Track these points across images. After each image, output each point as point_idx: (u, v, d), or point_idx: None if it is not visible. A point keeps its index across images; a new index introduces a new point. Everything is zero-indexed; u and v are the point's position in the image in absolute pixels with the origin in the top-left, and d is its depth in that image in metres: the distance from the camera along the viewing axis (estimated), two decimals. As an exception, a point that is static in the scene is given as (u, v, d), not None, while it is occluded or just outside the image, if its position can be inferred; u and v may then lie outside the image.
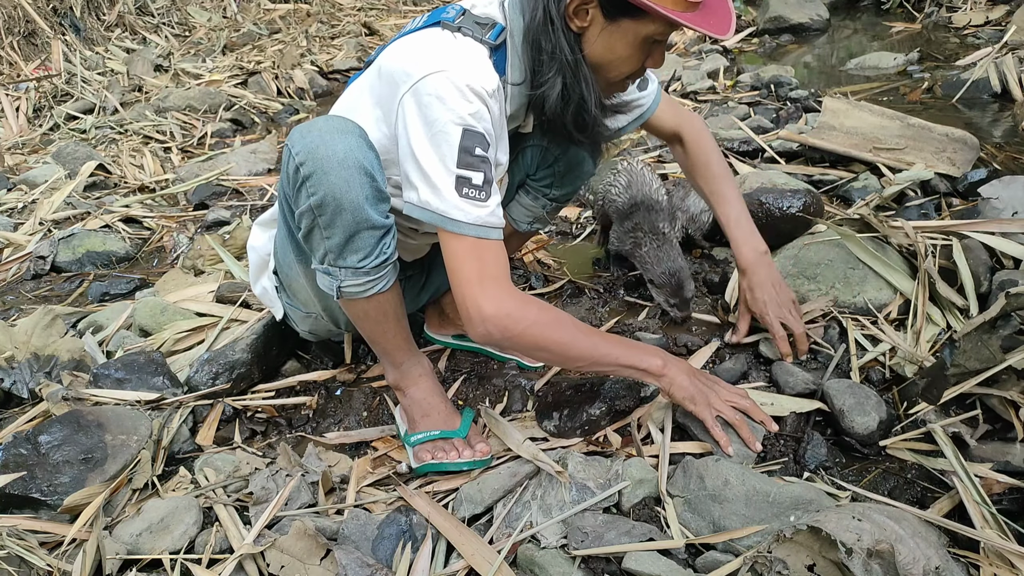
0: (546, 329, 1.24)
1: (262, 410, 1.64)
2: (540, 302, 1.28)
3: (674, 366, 1.33)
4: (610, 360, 1.29)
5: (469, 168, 1.16)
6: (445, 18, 1.26)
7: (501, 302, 1.20)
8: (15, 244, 2.74)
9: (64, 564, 1.22)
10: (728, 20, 1.22)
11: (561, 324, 1.27)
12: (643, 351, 1.33)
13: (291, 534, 1.20)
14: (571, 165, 1.57)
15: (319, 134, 1.21)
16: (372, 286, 1.31)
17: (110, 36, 6.05)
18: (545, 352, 1.28)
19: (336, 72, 5.32)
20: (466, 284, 1.21)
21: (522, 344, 1.24)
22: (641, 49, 1.23)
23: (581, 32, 1.21)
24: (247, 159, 3.41)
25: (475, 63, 1.20)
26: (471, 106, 1.16)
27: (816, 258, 1.81)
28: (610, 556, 1.17)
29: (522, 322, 1.21)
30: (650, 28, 1.18)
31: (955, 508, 1.21)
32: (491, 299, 1.20)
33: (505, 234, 1.67)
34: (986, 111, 3.14)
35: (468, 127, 1.16)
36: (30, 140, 4.19)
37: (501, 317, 1.20)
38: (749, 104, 3.48)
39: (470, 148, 1.16)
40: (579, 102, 1.26)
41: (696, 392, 1.33)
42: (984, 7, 4.70)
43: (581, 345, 1.28)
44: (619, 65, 1.25)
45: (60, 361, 1.76)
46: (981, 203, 1.94)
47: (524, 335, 1.22)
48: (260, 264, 1.62)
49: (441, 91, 1.15)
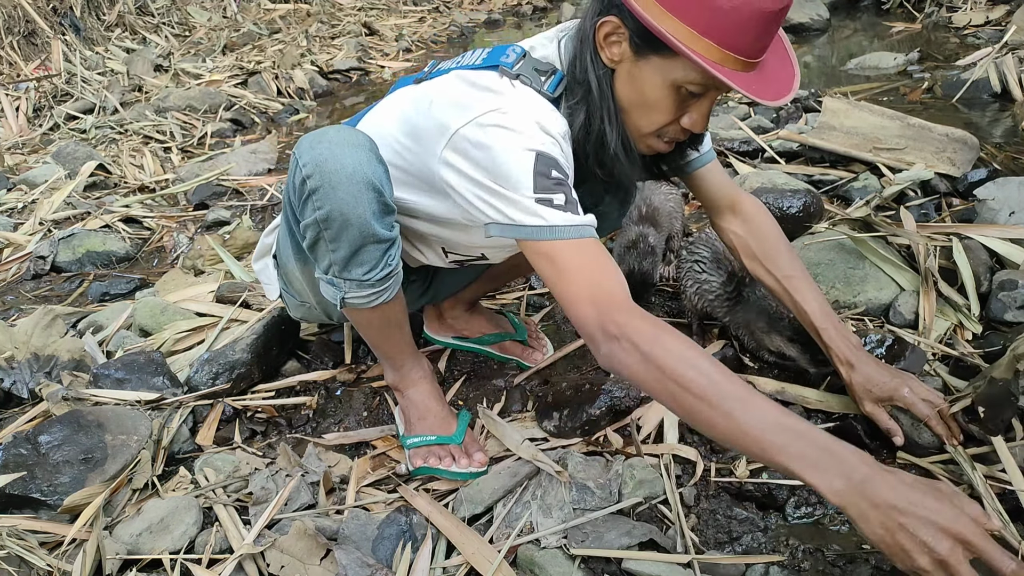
0: (690, 369, 0.93)
1: (262, 410, 1.64)
2: (669, 327, 1.00)
3: (863, 490, 0.85)
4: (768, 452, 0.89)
5: (547, 192, 1.05)
6: (504, 63, 1.18)
7: (624, 326, 0.98)
8: (15, 244, 2.74)
9: (64, 564, 1.22)
10: (787, 85, 1.11)
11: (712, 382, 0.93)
12: (820, 459, 0.87)
13: (291, 534, 1.20)
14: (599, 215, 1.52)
15: (328, 146, 1.17)
16: (376, 297, 1.29)
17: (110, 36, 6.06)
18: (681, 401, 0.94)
19: (336, 72, 5.32)
20: (576, 303, 1.03)
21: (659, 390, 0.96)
22: (671, 97, 1.11)
23: (614, 68, 1.15)
24: (247, 159, 3.41)
25: (541, 107, 1.14)
26: (543, 136, 1.08)
27: (816, 258, 1.81)
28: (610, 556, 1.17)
29: (653, 349, 0.95)
30: (678, 73, 1.07)
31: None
32: (608, 322, 0.99)
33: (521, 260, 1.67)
34: (986, 111, 3.13)
35: (541, 152, 1.06)
36: (30, 140, 4.19)
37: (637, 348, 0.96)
38: (749, 104, 3.48)
39: (545, 172, 1.05)
40: (599, 137, 1.17)
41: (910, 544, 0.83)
42: (984, 7, 4.70)
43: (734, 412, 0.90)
44: (648, 112, 1.14)
45: (60, 361, 1.76)
46: (977, 204, 1.94)
47: (659, 377, 0.95)
48: (267, 246, 1.61)
49: (507, 122, 1.07)
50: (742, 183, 2.26)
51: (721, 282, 1.58)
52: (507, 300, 2.04)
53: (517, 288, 2.10)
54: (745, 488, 1.30)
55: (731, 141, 2.83)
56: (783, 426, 0.90)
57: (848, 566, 1.16)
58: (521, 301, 2.01)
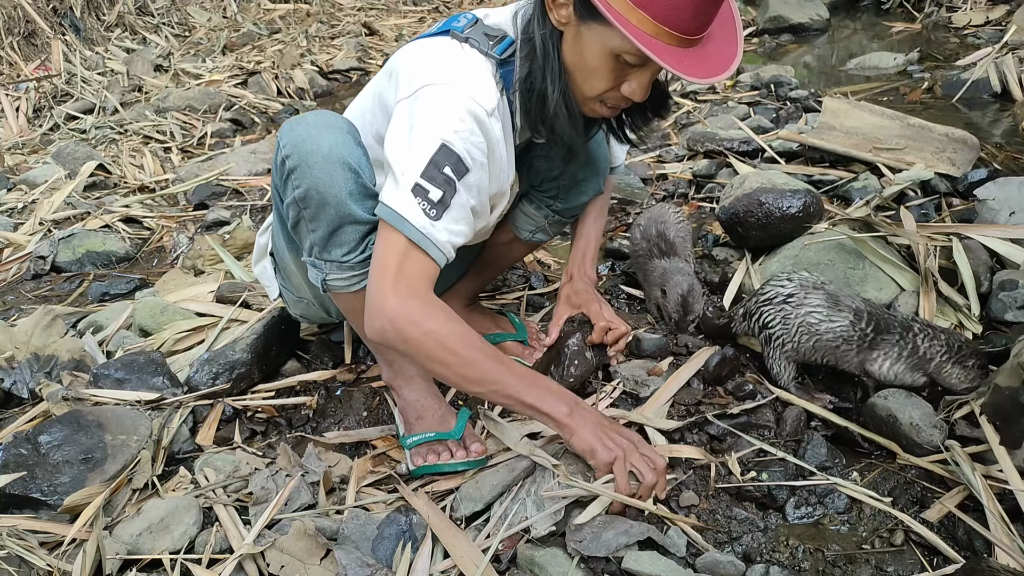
0: (447, 340, 1.14)
1: (262, 410, 1.64)
2: (451, 313, 1.19)
3: (581, 417, 1.21)
4: (512, 394, 1.19)
5: (431, 182, 1.14)
6: (455, 27, 1.25)
7: (407, 301, 1.14)
8: (15, 244, 2.74)
9: (64, 564, 1.22)
10: (725, 64, 1.13)
11: (467, 342, 1.17)
12: (550, 394, 1.21)
13: (291, 534, 1.20)
14: (575, 181, 1.56)
15: (306, 128, 1.23)
16: (357, 281, 1.31)
17: (110, 36, 6.05)
18: (441, 366, 1.17)
19: (336, 72, 5.32)
20: (381, 274, 1.15)
21: (418, 351, 1.15)
22: (609, 64, 1.15)
23: (563, 31, 1.18)
24: (247, 159, 3.40)
25: (476, 79, 1.19)
26: (460, 124, 1.15)
27: (816, 258, 1.81)
28: (610, 556, 1.17)
29: (423, 326, 1.13)
30: (616, 42, 1.11)
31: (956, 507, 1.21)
32: (399, 295, 1.13)
33: (507, 240, 1.68)
34: (986, 111, 3.13)
35: (447, 144, 1.14)
36: (30, 140, 4.19)
37: (401, 316, 1.13)
38: (749, 104, 3.48)
39: (439, 164, 1.13)
40: (540, 94, 1.22)
41: (601, 448, 1.20)
42: (984, 7, 4.70)
43: (484, 368, 1.17)
44: (589, 76, 1.18)
45: (60, 361, 1.76)
46: (977, 204, 1.94)
47: (421, 341, 1.13)
48: (264, 246, 1.63)
49: (434, 103, 1.15)
50: (742, 183, 2.26)
51: (849, 323, 1.44)
52: (507, 300, 2.04)
53: (517, 288, 2.10)
54: (745, 488, 1.30)
55: (731, 141, 2.83)
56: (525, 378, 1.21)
57: (848, 566, 1.16)
58: (521, 301, 2.01)
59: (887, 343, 1.42)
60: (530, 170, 1.54)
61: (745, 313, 1.57)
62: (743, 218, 1.95)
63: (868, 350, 1.44)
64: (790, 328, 1.47)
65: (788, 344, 1.48)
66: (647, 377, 1.58)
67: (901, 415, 1.35)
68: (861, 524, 1.25)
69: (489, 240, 1.70)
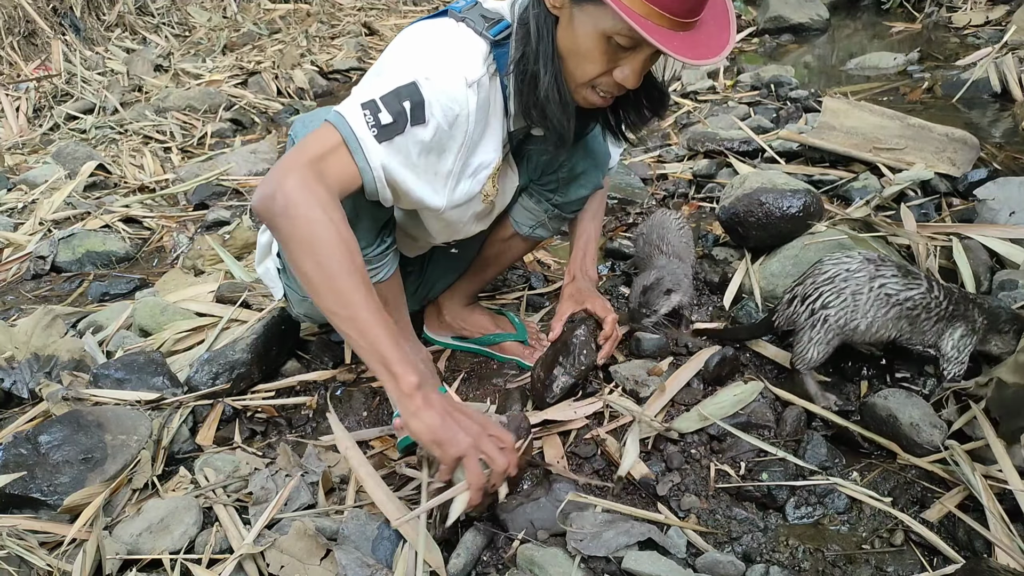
0: (326, 239, 1.05)
1: (262, 410, 1.64)
2: (346, 224, 1.09)
3: (427, 397, 1.10)
4: (365, 332, 1.08)
5: (386, 107, 1.11)
6: (453, 7, 1.27)
7: (311, 183, 1.06)
8: (15, 244, 2.74)
9: (64, 564, 1.22)
10: (717, 49, 1.12)
11: (346, 254, 1.07)
12: (408, 359, 1.10)
13: (291, 534, 1.20)
14: (574, 174, 1.56)
15: (317, 122, 1.22)
16: (375, 274, 1.33)
17: (110, 36, 6.05)
18: (307, 262, 1.07)
19: (336, 72, 5.31)
20: (297, 152, 1.11)
21: (291, 234, 1.06)
22: (601, 47, 1.14)
23: (558, 16, 1.19)
24: (247, 159, 3.40)
25: (464, 51, 1.21)
26: (437, 77, 1.15)
27: (816, 258, 1.81)
28: (610, 556, 1.17)
29: (311, 212, 1.04)
30: (608, 23, 1.10)
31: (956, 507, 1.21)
32: (304, 175, 1.07)
33: (507, 235, 1.68)
34: (986, 111, 3.14)
35: (418, 84, 1.13)
36: (30, 140, 4.19)
37: (296, 192, 1.05)
38: (749, 104, 3.48)
39: (402, 96, 1.12)
40: (532, 78, 1.22)
41: (448, 441, 1.09)
42: (984, 7, 4.70)
43: (347, 290, 1.07)
44: (581, 61, 1.18)
45: (60, 361, 1.76)
46: (977, 204, 1.94)
47: (299, 225, 1.05)
48: (266, 245, 1.62)
49: (420, 52, 1.17)
50: (742, 183, 2.26)
51: (925, 290, 1.41)
52: (507, 300, 2.04)
53: (517, 288, 2.10)
54: (745, 488, 1.30)
55: (731, 141, 2.83)
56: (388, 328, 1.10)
57: (848, 566, 1.16)
58: (521, 301, 2.01)
59: (963, 316, 1.42)
60: (529, 162, 1.54)
61: (794, 299, 1.50)
62: (743, 218, 1.95)
63: (948, 321, 1.42)
64: (860, 302, 1.42)
65: (847, 322, 1.43)
66: (647, 377, 1.58)
67: (901, 415, 1.35)
68: (861, 524, 1.25)
69: (489, 237, 1.69)
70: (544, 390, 1.52)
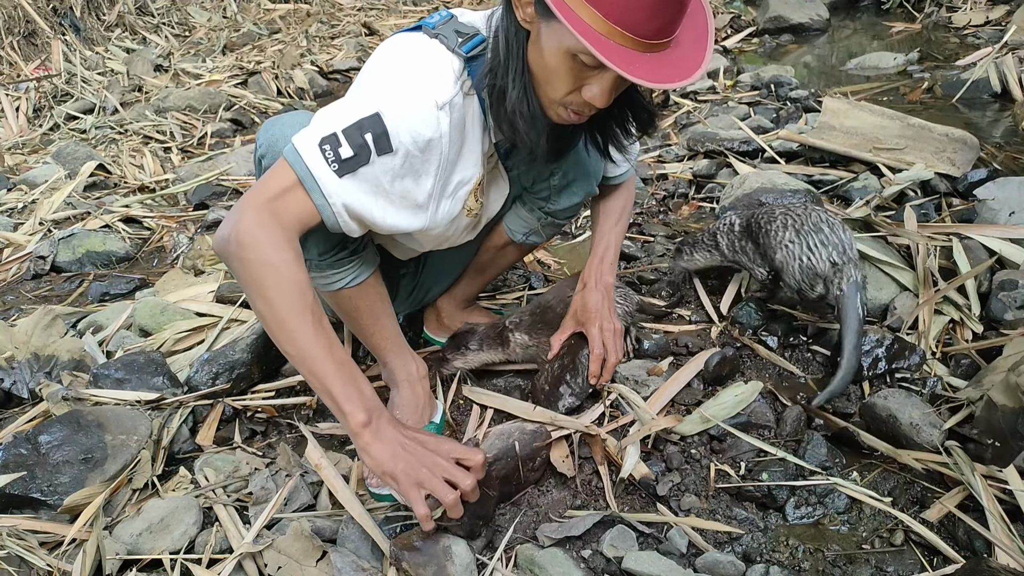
0: (281, 284, 1.06)
1: (262, 410, 1.64)
2: (302, 263, 1.10)
3: (378, 433, 1.11)
4: (317, 372, 1.09)
5: (348, 139, 1.10)
6: (426, 22, 1.25)
7: (266, 224, 1.06)
8: (15, 244, 2.74)
9: (64, 564, 1.22)
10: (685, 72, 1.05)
11: (299, 298, 1.07)
12: (358, 396, 1.11)
13: (288, 535, 1.20)
14: (565, 182, 1.55)
15: (280, 128, 1.23)
16: (335, 279, 1.32)
17: (110, 36, 6.05)
18: (263, 306, 1.08)
19: (336, 72, 5.32)
20: (256, 192, 1.10)
21: (248, 278, 1.07)
22: (567, 64, 1.10)
23: (529, 31, 1.15)
24: (247, 159, 3.40)
25: (434, 71, 1.18)
26: (403, 105, 1.12)
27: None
28: (610, 556, 1.17)
29: (265, 256, 1.05)
30: (571, 40, 1.04)
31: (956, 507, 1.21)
32: (260, 215, 1.07)
33: (501, 242, 1.68)
34: (986, 111, 3.14)
35: (381, 115, 1.11)
36: (30, 140, 4.19)
37: (250, 234, 1.05)
38: (749, 104, 3.48)
39: (364, 128, 1.10)
40: (500, 92, 1.20)
41: (401, 474, 1.10)
42: (984, 7, 4.70)
43: (300, 332, 1.07)
44: (550, 77, 1.13)
45: (60, 361, 1.76)
46: (977, 204, 1.94)
47: (254, 270, 1.06)
48: None
49: (385, 83, 1.15)
50: (742, 183, 2.26)
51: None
52: (507, 300, 2.04)
53: (517, 288, 2.10)
54: (745, 488, 1.30)
55: (731, 141, 2.83)
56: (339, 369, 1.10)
57: (848, 566, 1.16)
58: (521, 301, 2.01)
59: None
60: (521, 171, 1.54)
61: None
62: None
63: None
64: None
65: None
66: (647, 377, 1.58)
67: (901, 415, 1.35)
68: (861, 524, 1.25)
69: (484, 243, 1.69)
70: (548, 405, 1.51)
